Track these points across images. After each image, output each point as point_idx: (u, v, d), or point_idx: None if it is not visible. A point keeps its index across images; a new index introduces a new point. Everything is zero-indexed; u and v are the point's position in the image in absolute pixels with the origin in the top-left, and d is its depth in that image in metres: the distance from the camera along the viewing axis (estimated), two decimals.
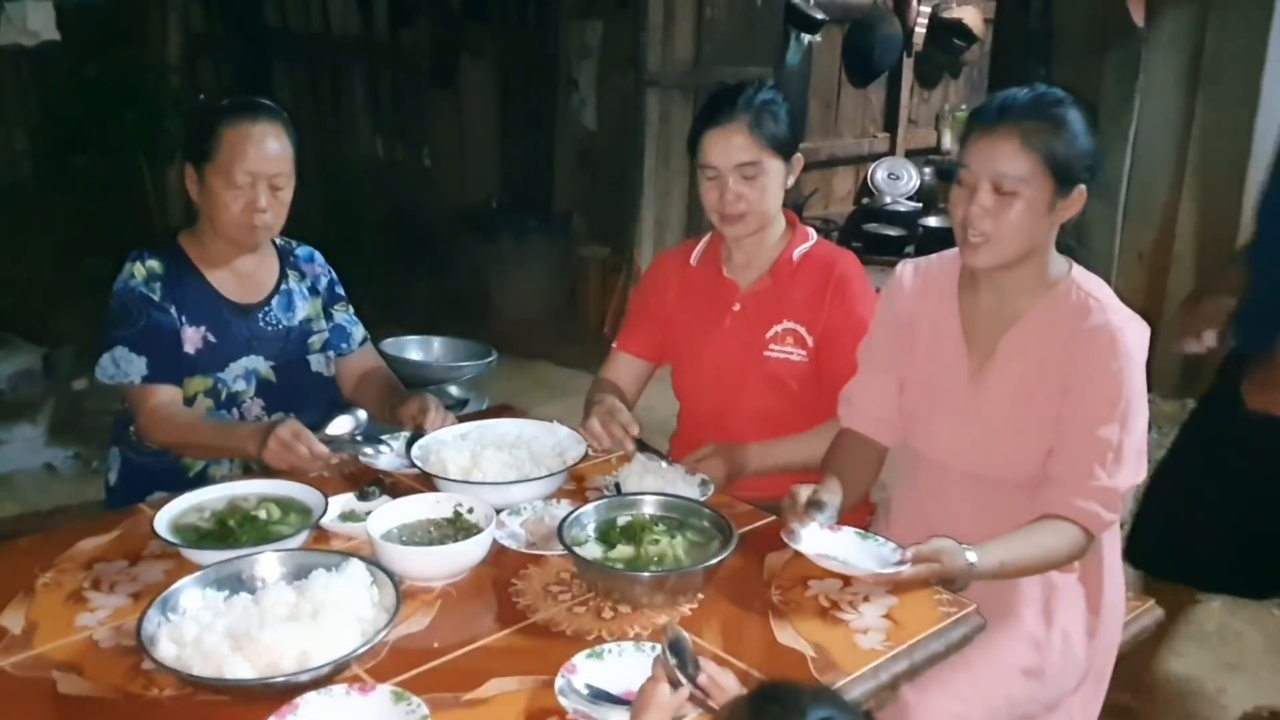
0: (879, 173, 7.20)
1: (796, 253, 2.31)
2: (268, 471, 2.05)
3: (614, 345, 2.49)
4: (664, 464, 2.08)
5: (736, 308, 2.33)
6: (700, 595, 1.66)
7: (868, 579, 1.68)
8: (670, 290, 2.43)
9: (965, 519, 1.89)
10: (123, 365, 2.20)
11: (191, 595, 1.54)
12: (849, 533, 1.79)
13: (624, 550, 1.72)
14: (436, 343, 4.66)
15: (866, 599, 1.67)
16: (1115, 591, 1.99)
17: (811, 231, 2.35)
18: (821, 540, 1.75)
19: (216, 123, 2.18)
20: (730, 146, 2.18)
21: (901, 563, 1.67)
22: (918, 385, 1.99)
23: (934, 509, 1.96)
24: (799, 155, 2.27)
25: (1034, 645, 1.87)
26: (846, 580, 1.71)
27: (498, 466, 2.00)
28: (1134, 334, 1.81)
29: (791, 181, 2.28)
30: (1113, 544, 1.98)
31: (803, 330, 2.26)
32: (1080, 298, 1.84)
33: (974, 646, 1.70)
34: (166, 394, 2.21)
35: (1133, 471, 1.81)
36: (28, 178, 5.18)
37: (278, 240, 2.40)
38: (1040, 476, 1.85)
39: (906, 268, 2.06)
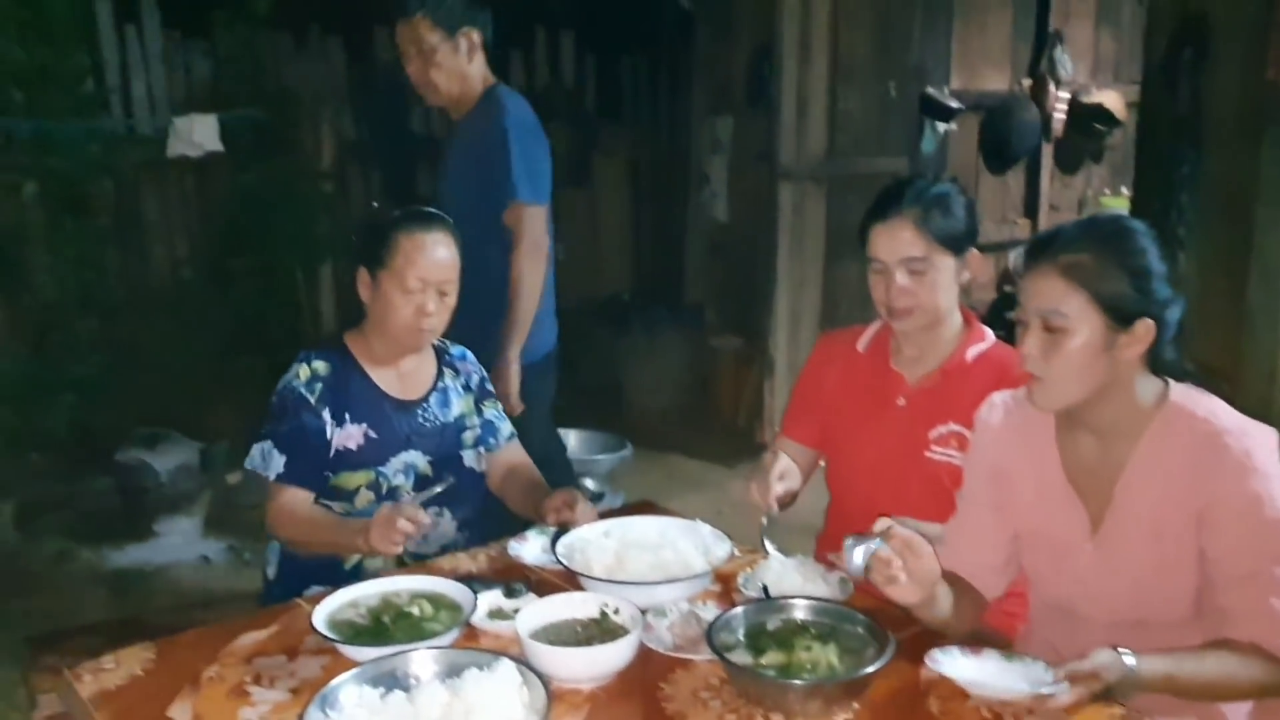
0: (1020, 260, 7.02)
1: (971, 352, 2.24)
2: (420, 563, 2.10)
3: (779, 432, 2.46)
4: (801, 560, 2.04)
5: (901, 402, 2.27)
6: (855, 705, 1.61)
7: (1023, 704, 1.58)
8: (832, 374, 2.38)
9: None
10: (266, 459, 2.29)
11: (349, 692, 1.55)
12: (993, 655, 1.69)
13: (775, 657, 1.67)
14: (572, 435, 4.69)
15: (1030, 711, 1.58)
16: None
17: (989, 332, 2.27)
18: (965, 666, 1.66)
19: (393, 231, 2.30)
20: (896, 241, 2.15)
21: (1057, 683, 1.55)
22: (1034, 540, 1.86)
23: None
24: (975, 251, 2.22)
25: None
26: None
27: (643, 566, 1.99)
28: (1260, 442, 1.66)
29: (966, 277, 2.22)
30: None
31: (969, 434, 2.12)
32: (1189, 422, 1.69)
33: None
34: (297, 495, 2.29)
35: None
36: (189, 281, 5.45)
37: (435, 340, 2.47)
38: (1195, 612, 1.72)
39: (995, 411, 1.94)
